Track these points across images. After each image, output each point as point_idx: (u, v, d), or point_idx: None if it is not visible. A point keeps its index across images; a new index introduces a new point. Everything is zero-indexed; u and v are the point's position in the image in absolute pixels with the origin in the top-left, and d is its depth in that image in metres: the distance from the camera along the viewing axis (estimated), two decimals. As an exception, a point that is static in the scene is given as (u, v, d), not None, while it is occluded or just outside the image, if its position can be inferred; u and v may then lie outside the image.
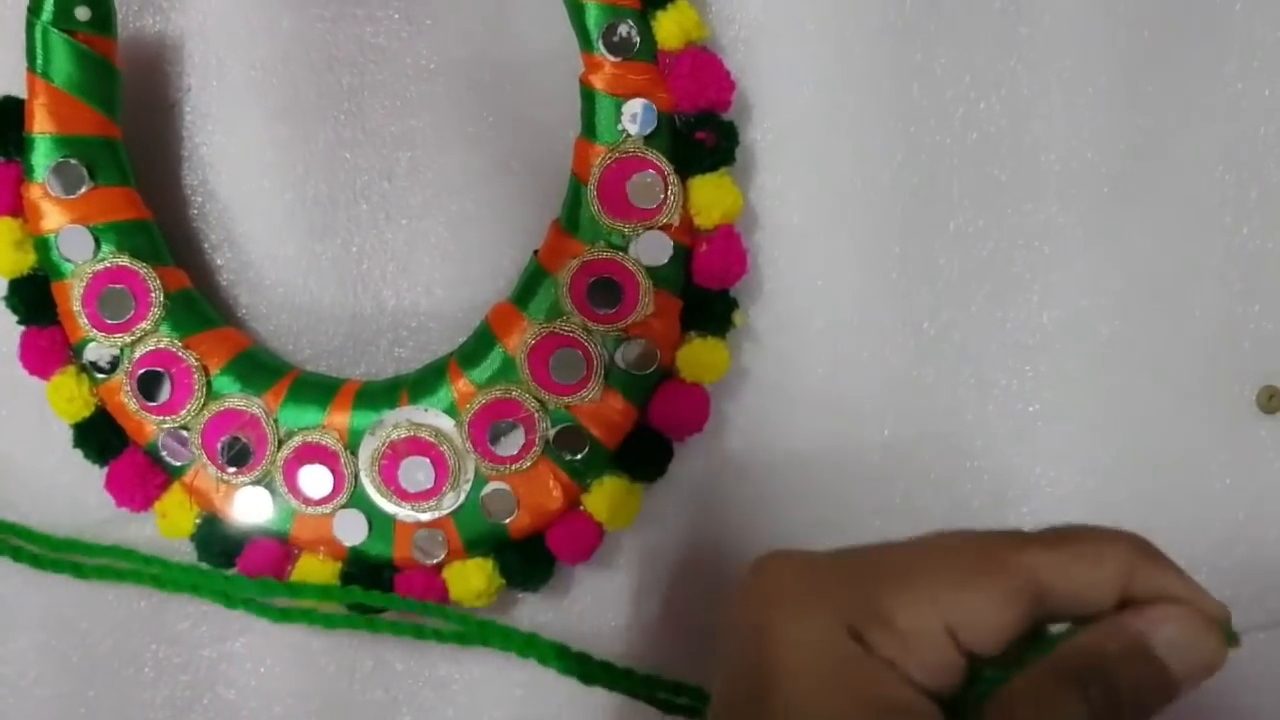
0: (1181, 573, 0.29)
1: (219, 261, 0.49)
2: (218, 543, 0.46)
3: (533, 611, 0.48)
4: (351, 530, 0.45)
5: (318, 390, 0.46)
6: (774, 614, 0.28)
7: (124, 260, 0.45)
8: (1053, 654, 0.28)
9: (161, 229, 0.47)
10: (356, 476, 0.45)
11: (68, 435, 0.46)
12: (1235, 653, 0.28)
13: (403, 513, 0.45)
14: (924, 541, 0.29)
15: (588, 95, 0.44)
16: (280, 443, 0.45)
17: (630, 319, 0.44)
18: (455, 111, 0.47)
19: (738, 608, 0.30)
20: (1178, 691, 0.28)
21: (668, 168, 0.44)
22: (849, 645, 0.27)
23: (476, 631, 0.45)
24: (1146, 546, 0.29)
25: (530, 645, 0.44)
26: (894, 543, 0.29)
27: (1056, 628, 0.29)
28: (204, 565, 0.47)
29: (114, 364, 0.45)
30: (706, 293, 0.45)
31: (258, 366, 0.46)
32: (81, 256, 0.45)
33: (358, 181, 0.48)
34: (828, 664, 0.27)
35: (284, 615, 0.47)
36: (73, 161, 0.44)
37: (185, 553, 0.48)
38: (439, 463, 0.44)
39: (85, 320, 0.45)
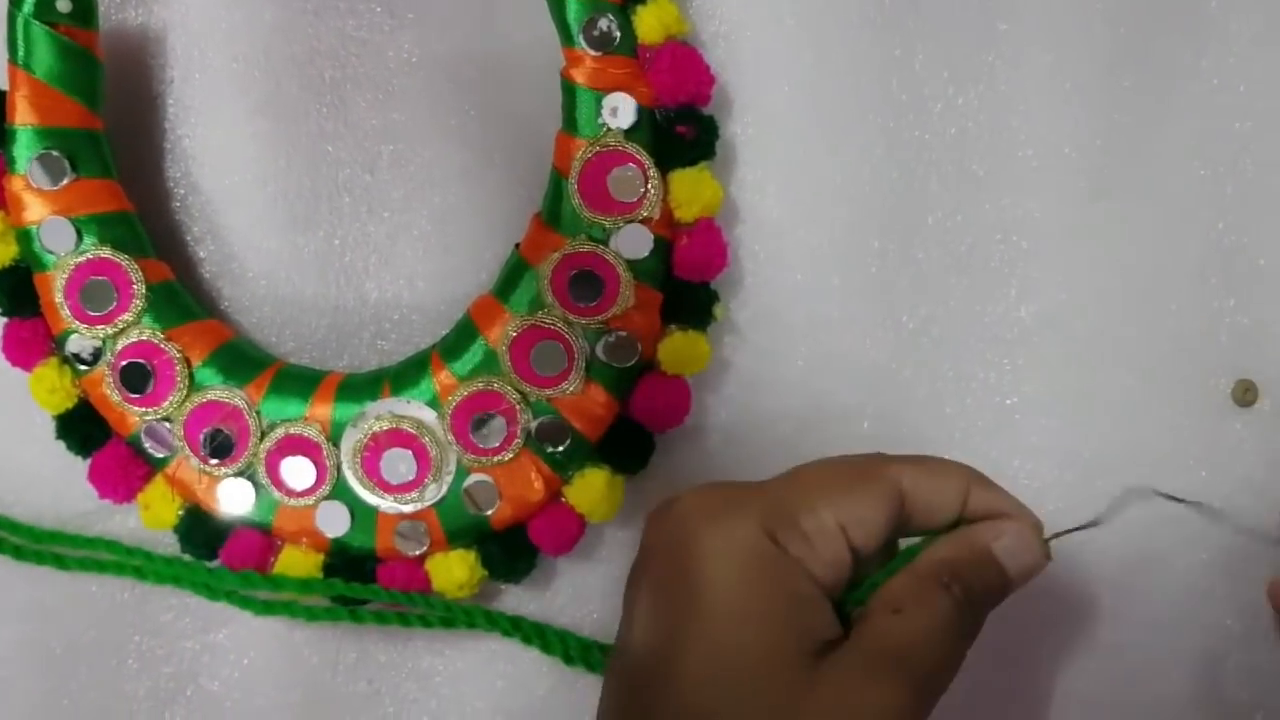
0: (1008, 494, 0.36)
1: (202, 254, 0.49)
2: (200, 534, 0.47)
3: (516, 603, 0.48)
4: (334, 522, 0.46)
5: (300, 382, 0.46)
6: (695, 527, 0.33)
7: (106, 252, 0.45)
8: (918, 562, 0.34)
9: (144, 221, 0.47)
10: (339, 468, 0.45)
11: (50, 427, 0.47)
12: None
13: (385, 504, 0.45)
14: (814, 464, 0.35)
15: (568, 89, 0.44)
16: (262, 434, 0.45)
17: (611, 312, 0.44)
18: (437, 105, 0.47)
19: (654, 532, 0.35)
20: (1012, 588, 0.35)
21: (648, 161, 0.44)
22: (768, 545, 0.32)
23: (461, 616, 0.45)
24: (978, 473, 0.36)
25: (515, 626, 0.45)
26: (790, 470, 0.35)
27: (906, 543, 0.36)
28: (187, 557, 0.47)
29: (96, 355, 0.46)
30: (687, 286, 0.46)
31: (240, 358, 0.46)
32: (63, 248, 0.45)
33: (340, 174, 0.48)
34: (750, 562, 0.32)
35: (267, 608, 0.47)
36: (54, 153, 0.44)
37: (169, 544, 0.48)
38: (421, 455, 0.45)
39: (67, 312, 0.45)
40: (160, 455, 0.46)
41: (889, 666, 0.31)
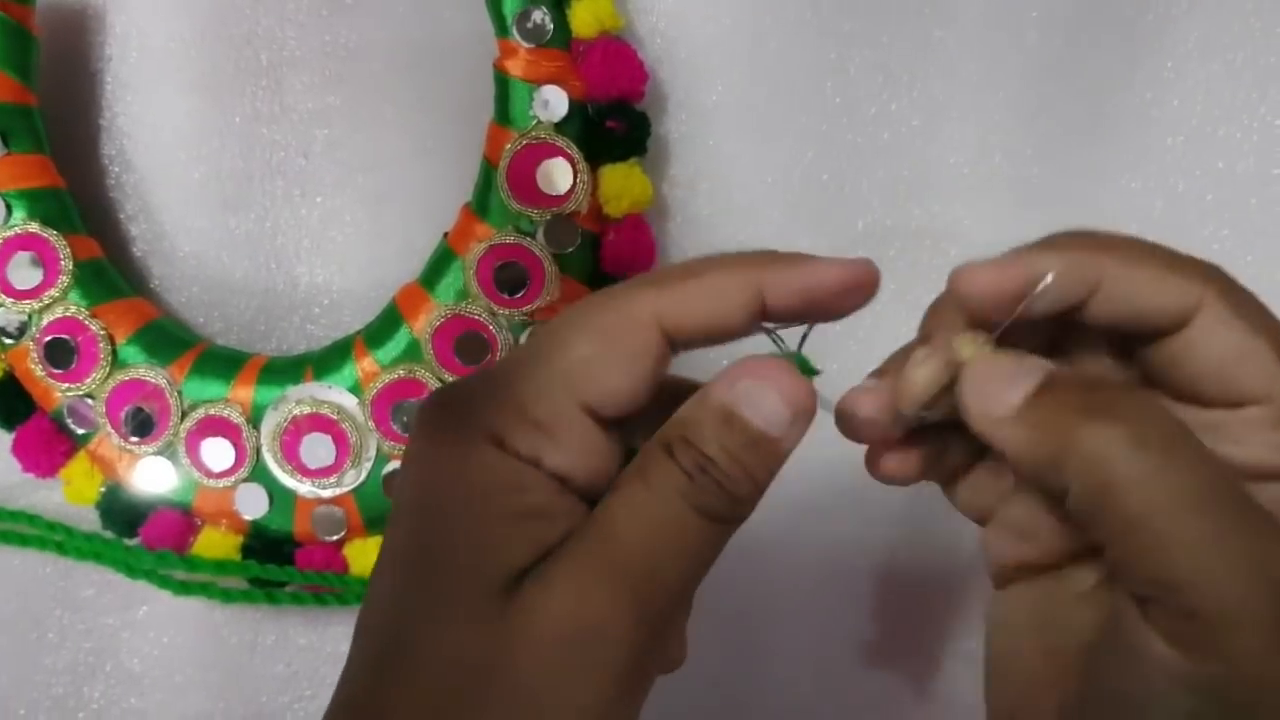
0: (809, 257, 0.29)
1: (134, 232, 0.49)
2: (121, 511, 0.47)
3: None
4: (252, 504, 0.46)
5: (223, 364, 0.46)
6: (421, 446, 0.28)
7: (34, 227, 0.45)
8: (660, 430, 0.27)
9: (78, 198, 0.47)
10: (258, 451, 0.45)
11: (-26, 400, 0.47)
12: (820, 381, 0.30)
13: (304, 488, 0.45)
14: (561, 318, 0.28)
15: (501, 80, 0.44)
16: (183, 414, 0.45)
17: (536, 304, 0.44)
18: (373, 91, 0.47)
19: (407, 449, 0.29)
20: (779, 446, 0.28)
21: (577, 155, 0.44)
22: (488, 456, 0.26)
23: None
24: (773, 259, 0.29)
25: None
26: (543, 328, 0.29)
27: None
28: (108, 534, 0.47)
29: (22, 330, 0.46)
30: (614, 281, 0.46)
31: (165, 338, 0.46)
32: (-9, 222, 0.45)
33: (274, 157, 0.48)
34: (471, 483, 0.26)
35: (185, 588, 0.47)
36: (-15, 127, 0.44)
37: (94, 520, 0.48)
38: (340, 440, 0.45)
39: (-7, 285, 0.45)
40: (83, 432, 0.46)
41: (596, 572, 0.26)
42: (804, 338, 0.31)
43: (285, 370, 0.46)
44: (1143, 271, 0.29)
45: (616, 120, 0.45)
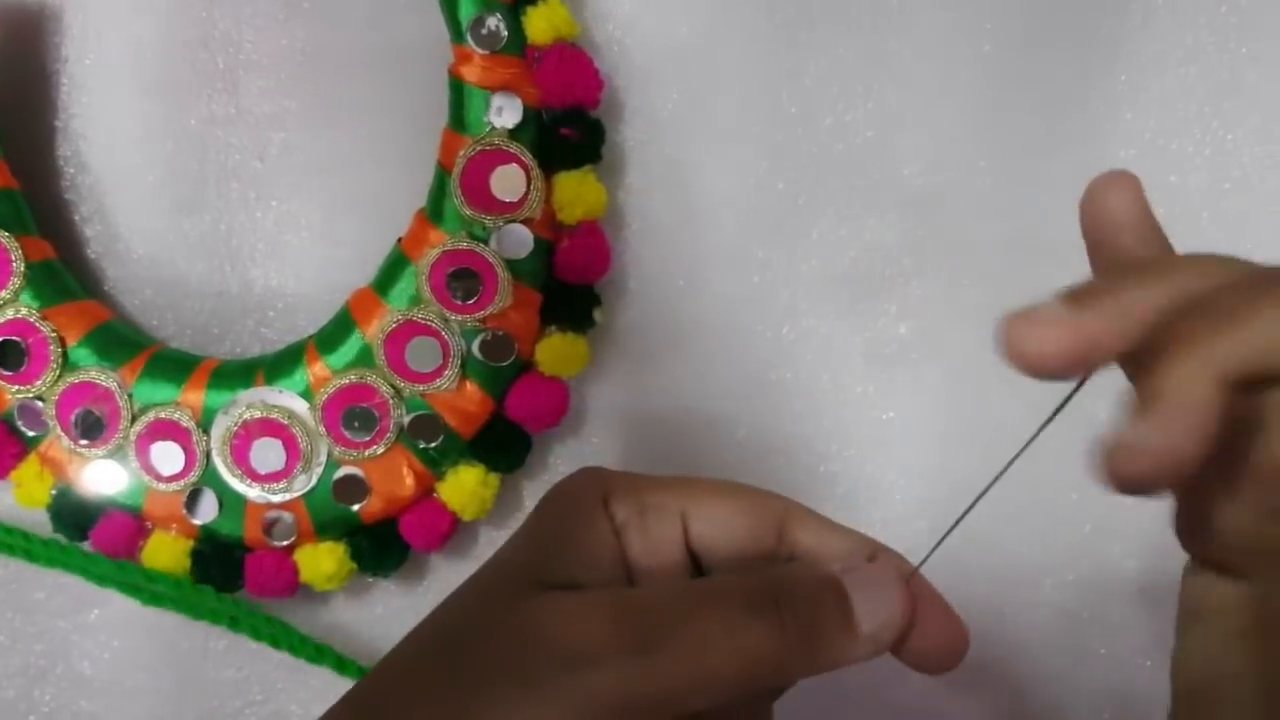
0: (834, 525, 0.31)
1: (89, 233, 0.49)
2: (72, 514, 0.47)
3: (386, 596, 0.49)
4: (202, 509, 0.46)
5: (174, 367, 0.46)
6: (550, 494, 0.31)
7: (-14, 228, 0.45)
8: (746, 575, 0.29)
9: (32, 199, 0.47)
10: (208, 455, 0.45)
11: (-77, 401, 0.46)
12: None
13: (253, 493, 0.45)
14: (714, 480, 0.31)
15: (456, 86, 0.44)
16: (134, 418, 0.45)
17: (488, 310, 0.44)
18: (329, 95, 0.47)
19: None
20: (864, 648, 0.28)
21: (531, 162, 0.44)
22: (589, 503, 0.30)
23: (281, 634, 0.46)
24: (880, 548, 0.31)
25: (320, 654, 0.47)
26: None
27: None
28: (61, 539, 0.47)
29: (-28, 331, 0.45)
30: (568, 287, 0.46)
31: (116, 340, 0.46)
32: (-60, 223, 0.45)
33: (229, 160, 0.48)
34: (551, 502, 0.30)
35: (155, 598, 0.47)
36: (-65, 127, 0.44)
37: (46, 523, 0.48)
38: (290, 445, 0.45)
39: (-57, 286, 0.45)
40: (33, 434, 0.46)
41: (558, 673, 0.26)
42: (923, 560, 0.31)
43: (236, 374, 0.46)
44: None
45: (571, 127, 0.45)
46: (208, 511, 0.46)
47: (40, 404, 0.45)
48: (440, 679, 0.27)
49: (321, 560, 0.46)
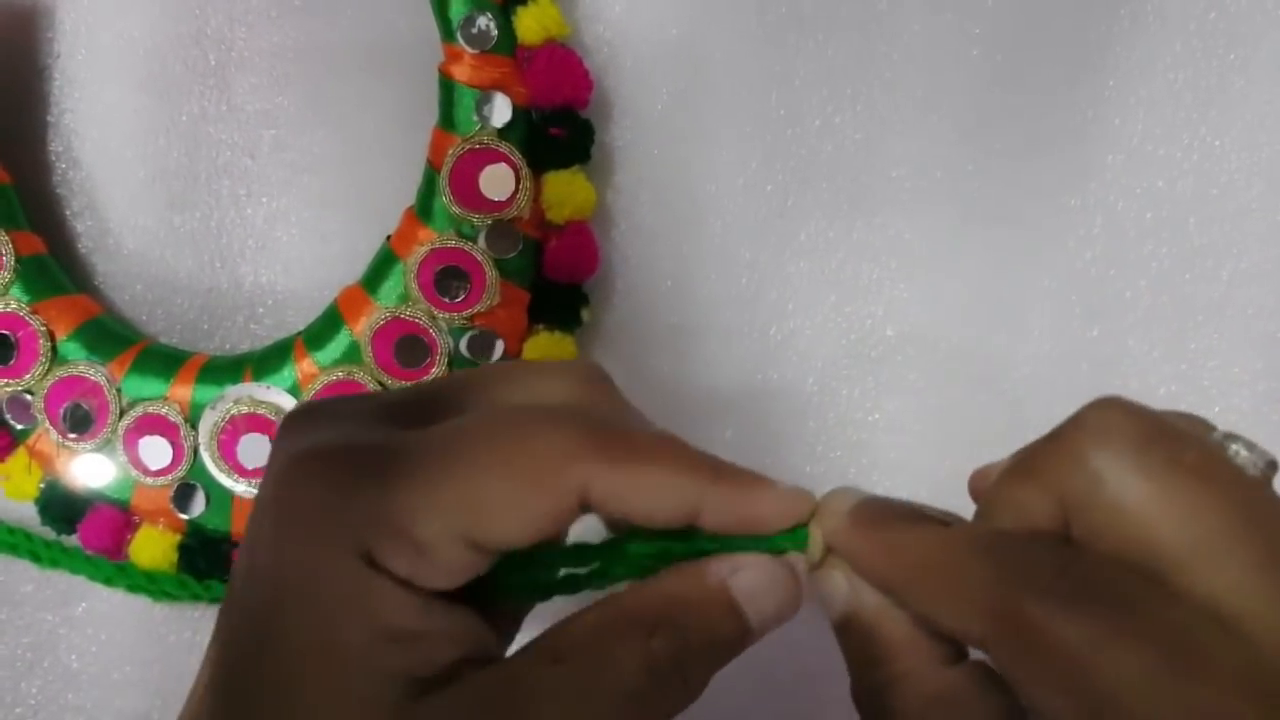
0: (751, 482, 0.28)
1: (80, 228, 0.49)
2: (60, 508, 0.47)
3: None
4: (190, 503, 0.46)
5: (163, 362, 0.46)
6: (284, 532, 0.25)
7: (-24, 222, 0.45)
8: (623, 597, 0.26)
9: (24, 193, 0.47)
10: (196, 450, 0.45)
11: (-87, 393, 0.47)
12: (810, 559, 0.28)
13: (240, 488, 0.45)
14: (471, 429, 0.26)
15: (446, 85, 0.44)
16: (122, 412, 0.45)
17: (476, 308, 0.45)
18: (320, 93, 0.48)
19: (256, 514, 0.26)
20: (751, 640, 0.27)
21: (520, 161, 0.44)
22: (357, 573, 0.24)
23: None
24: (721, 466, 0.27)
25: None
26: (447, 425, 0.27)
27: None
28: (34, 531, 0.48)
29: (-38, 325, 0.46)
30: (556, 287, 0.46)
31: (106, 335, 0.46)
32: (-68, 216, 0.45)
33: (220, 156, 0.48)
34: (334, 597, 0.24)
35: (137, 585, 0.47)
36: (-73, 121, 0.44)
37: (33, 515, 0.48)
38: (278, 440, 0.45)
39: (-67, 279, 0.45)
40: (22, 427, 0.46)
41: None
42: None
43: (224, 370, 0.46)
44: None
45: (560, 127, 0.45)
46: (195, 506, 0.46)
47: (29, 397, 0.46)
48: None
49: (308, 556, 0.46)
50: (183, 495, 0.46)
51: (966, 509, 0.49)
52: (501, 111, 0.44)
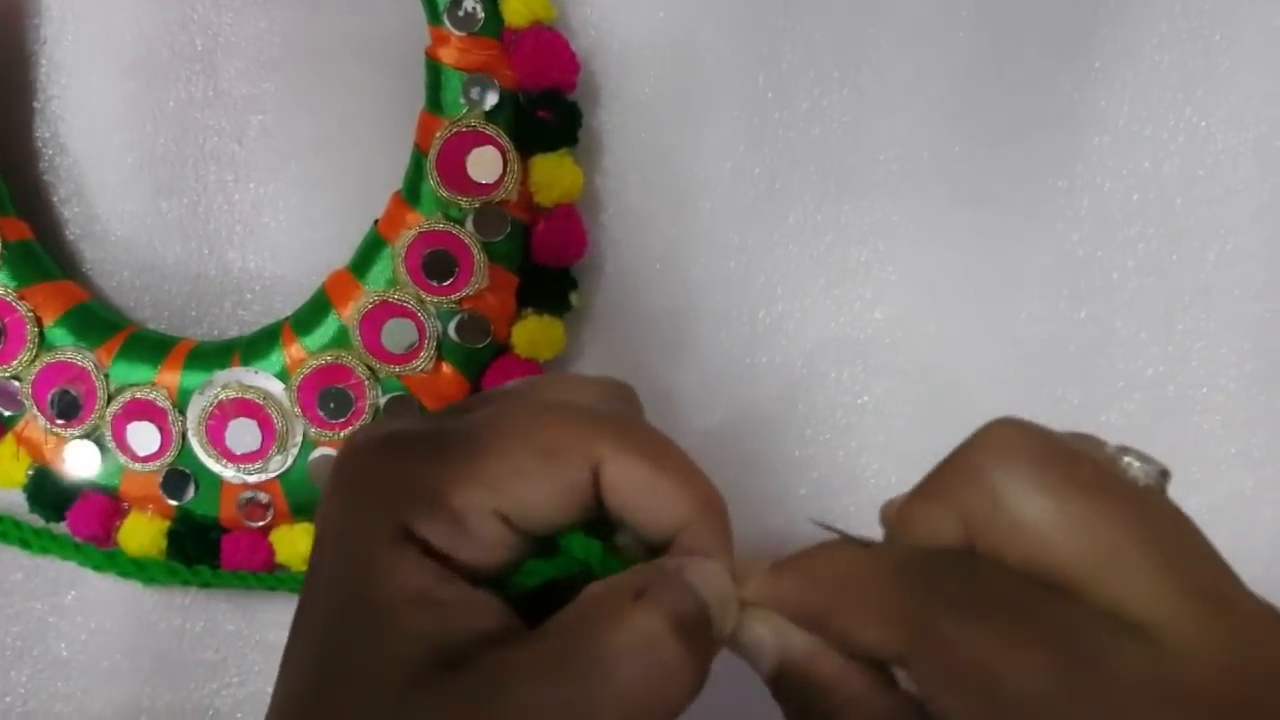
0: (727, 550, 0.28)
1: (67, 215, 0.49)
2: (48, 495, 0.47)
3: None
4: (178, 489, 0.46)
5: (151, 348, 0.46)
6: (330, 507, 0.27)
7: (-38, 208, 0.45)
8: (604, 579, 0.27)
9: (12, 180, 0.47)
10: (184, 435, 0.45)
11: (-100, 380, 0.46)
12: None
13: (229, 474, 0.45)
14: (504, 412, 0.28)
15: (433, 68, 0.44)
16: (110, 398, 0.45)
17: (464, 292, 0.44)
18: (307, 77, 0.47)
19: (321, 497, 0.28)
20: (714, 633, 0.27)
21: (507, 144, 0.44)
22: (390, 538, 0.26)
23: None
24: (711, 509, 0.28)
25: None
26: (484, 410, 0.28)
27: None
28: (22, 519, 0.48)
29: (-51, 311, 0.45)
30: (544, 270, 0.46)
31: (93, 321, 0.46)
32: (-83, 202, 0.45)
33: (208, 142, 0.48)
34: (365, 557, 0.26)
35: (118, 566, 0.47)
36: (-88, 106, 0.44)
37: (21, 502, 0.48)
38: (266, 425, 0.45)
39: (-81, 266, 0.45)
40: (9, 414, 0.46)
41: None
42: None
43: (213, 355, 0.46)
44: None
45: (548, 110, 0.45)
46: (184, 492, 0.46)
47: (16, 384, 0.46)
48: None
49: (298, 541, 0.46)
50: (171, 481, 0.46)
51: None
52: (489, 94, 0.44)
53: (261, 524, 0.46)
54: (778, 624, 0.28)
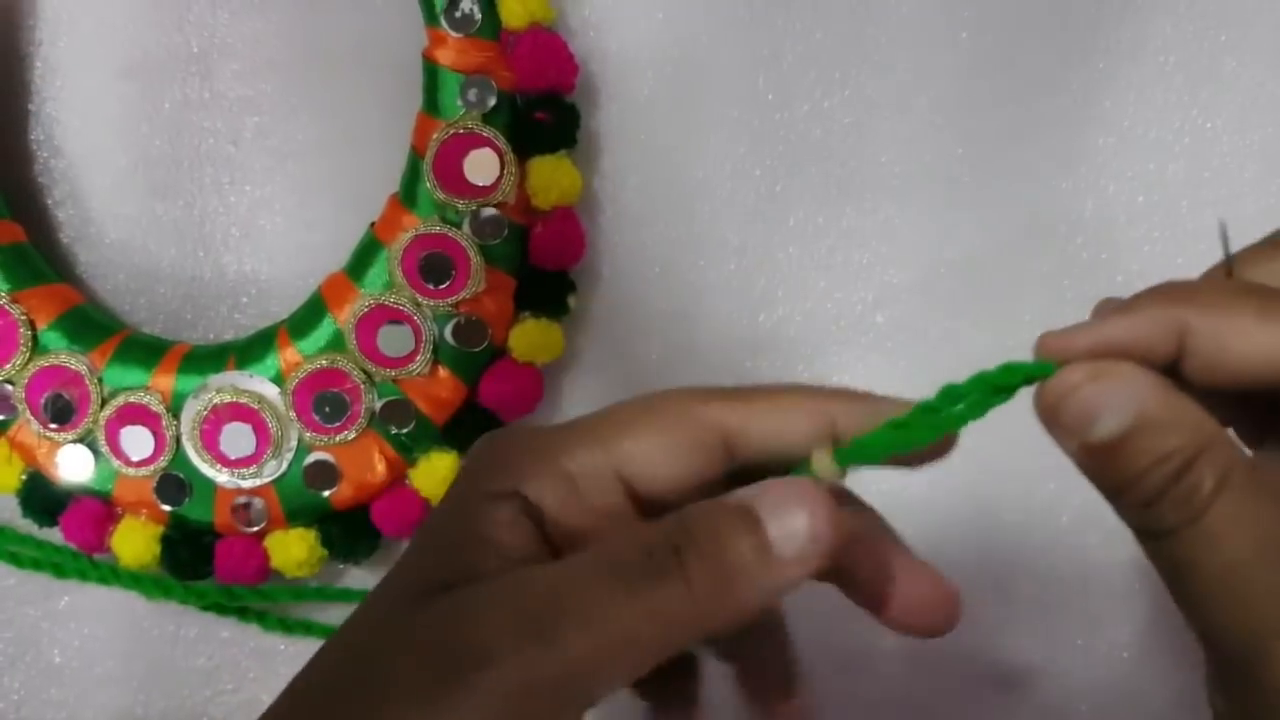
0: (879, 397, 0.29)
1: (62, 217, 0.48)
2: (41, 500, 0.46)
3: (359, 583, 0.48)
4: (172, 494, 0.45)
5: (145, 351, 0.45)
6: (458, 483, 0.28)
7: (-45, 211, 0.45)
8: (647, 527, 0.26)
9: (5, 183, 0.47)
10: (178, 440, 0.45)
11: (-107, 384, 0.46)
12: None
13: (223, 478, 0.45)
14: (624, 403, 0.28)
15: (430, 70, 0.44)
16: (104, 402, 0.45)
17: (461, 295, 0.44)
18: (303, 79, 0.47)
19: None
20: (783, 567, 0.25)
21: (505, 146, 0.44)
22: (496, 498, 0.27)
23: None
24: (844, 393, 0.28)
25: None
26: (610, 410, 0.28)
27: None
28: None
29: (-58, 314, 0.45)
30: (542, 273, 0.45)
31: (87, 324, 0.46)
32: (-90, 205, 0.44)
33: (203, 144, 0.48)
34: (463, 509, 0.27)
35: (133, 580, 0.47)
36: (-96, 108, 0.44)
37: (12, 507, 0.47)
38: (260, 430, 0.44)
39: (-89, 268, 0.45)
40: (2, 417, 0.46)
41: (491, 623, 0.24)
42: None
43: (207, 359, 0.45)
44: (1229, 322, 0.26)
45: (545, 112, 0.44)
46: (178, 497, 0.45)
47: (9, 387, 0.45)
48: (346, 696, 0.25)
49: (292, 546, 0.45)
50: (165, 486, 0.45)
51: (957, 501, 0.48)
52: (486, 96, 0.44)
53: (256, 529, 0.45)
54: (1129, 372, 0.26)
